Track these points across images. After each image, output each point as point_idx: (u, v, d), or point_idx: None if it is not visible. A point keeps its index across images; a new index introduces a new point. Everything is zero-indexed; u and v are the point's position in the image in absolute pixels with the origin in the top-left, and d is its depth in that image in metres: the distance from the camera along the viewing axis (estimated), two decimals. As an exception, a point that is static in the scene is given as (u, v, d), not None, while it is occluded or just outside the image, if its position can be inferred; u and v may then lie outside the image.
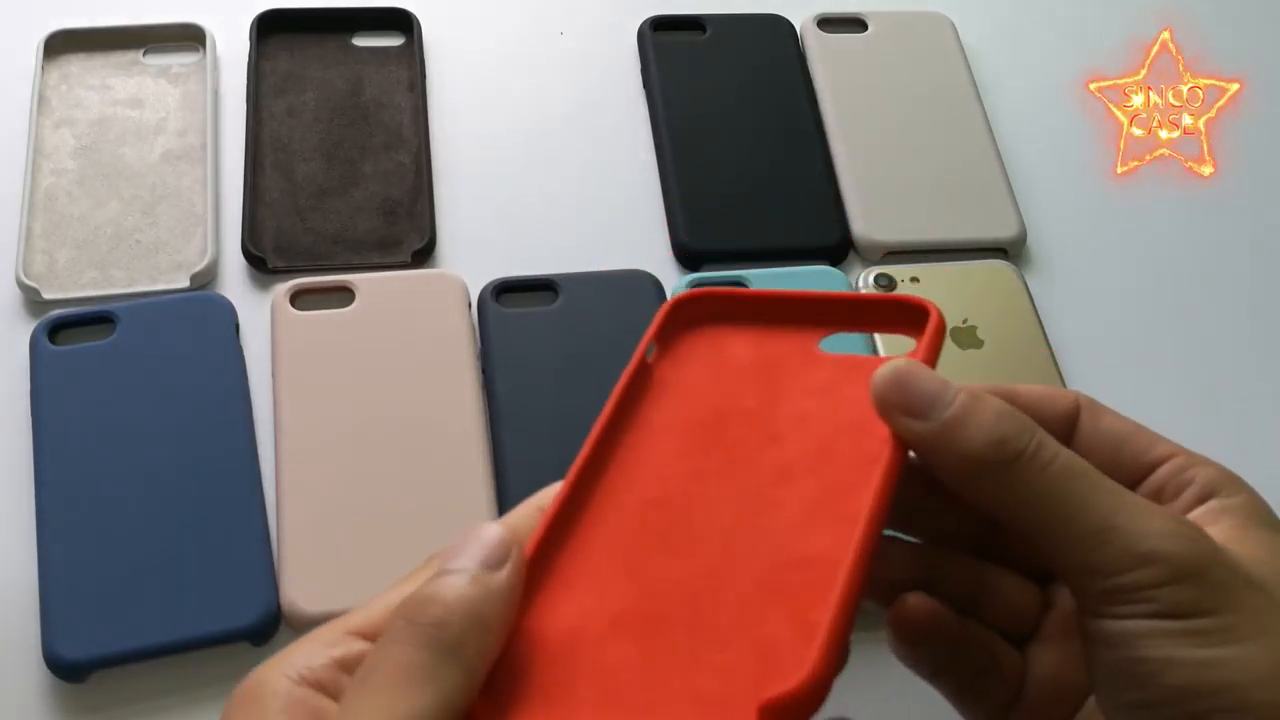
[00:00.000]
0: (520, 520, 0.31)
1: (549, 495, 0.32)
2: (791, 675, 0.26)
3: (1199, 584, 0.29)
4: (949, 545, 0.35)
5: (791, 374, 0.34)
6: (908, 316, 0.34)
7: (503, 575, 0.28)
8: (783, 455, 0.32)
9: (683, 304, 0.36)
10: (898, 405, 0.31)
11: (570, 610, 0.30)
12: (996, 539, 0.35)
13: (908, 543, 0.35)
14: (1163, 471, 0.33)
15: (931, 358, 0.33)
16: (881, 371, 0.31)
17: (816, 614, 0.28)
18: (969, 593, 0.35)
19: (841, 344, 0.51)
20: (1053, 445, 0.30)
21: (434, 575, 0.28)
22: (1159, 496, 0.33)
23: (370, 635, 0.29)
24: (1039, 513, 0.30)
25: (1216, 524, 0.31)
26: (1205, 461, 0.33)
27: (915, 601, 0.34)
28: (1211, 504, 0.32)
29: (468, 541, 0.29)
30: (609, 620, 0.29)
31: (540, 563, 0.30)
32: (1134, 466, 0.33)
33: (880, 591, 0.34)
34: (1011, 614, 0.35)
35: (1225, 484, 0.32)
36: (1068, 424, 0.34)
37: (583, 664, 0.29)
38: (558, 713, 0.28)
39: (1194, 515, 0.32)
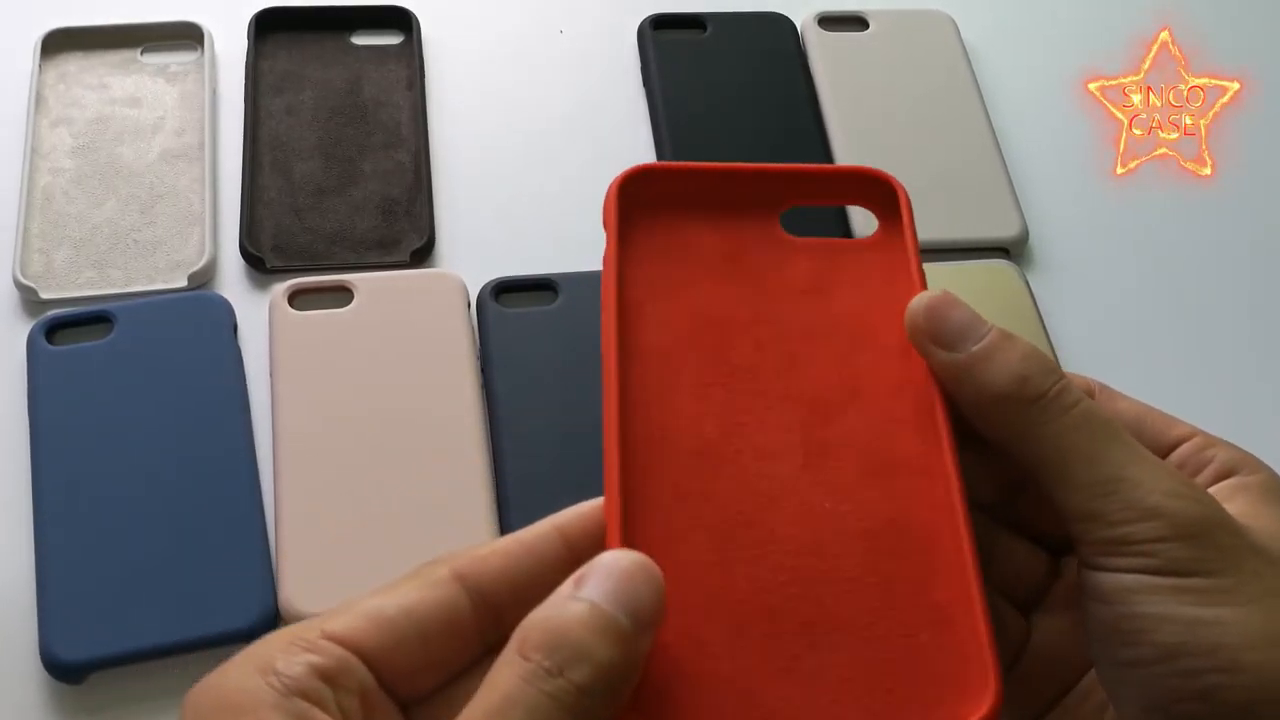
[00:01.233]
0: (536, 539, 0.29)
1: (569, 516, 0.29)
2: (975, 700, 0.26)
3: (1200, 544, 0.29)
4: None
5: (769, 266, 0.32)
6: (870, 190, 0.34)
7: (648, 640, 0.26)
8: (810, 385, 0.31)
9: (631, 182, 0.32)
10: (929, 334, 0.31)
11: (681, 618, 0.27)
12: (1015, 505, 0.35)
13: None
14: (1182, 450, 0.33)
15: (912, 235, 0.33)
16: (917, 301, 0.31)
17: (949, 602, 0.28)
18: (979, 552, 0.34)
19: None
20: (1076, 391, 0.31)
21: (582, 604, 0.26)
22: None
23: (350, 644, 0.27)
24: (1053, 455, 0.30)
25: (1233, 500, 0.31)
26: (1224, 443, 0.33)
27: None
28: (1230, 481, 0.32)
29: (624, 579, 0.26)
30: (726, 627, 0.27)
31: None
32: (1153, 446, 0.33)
33: None
34: (1020, 579, 0.34)
35: (1245, 463, 0.33)
36: None
37: (719, 685, 0.26)
38: None
39: (1212, 491, 0.32)
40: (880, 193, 0.34)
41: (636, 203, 0.32)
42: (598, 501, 0.29)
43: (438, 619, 0.28)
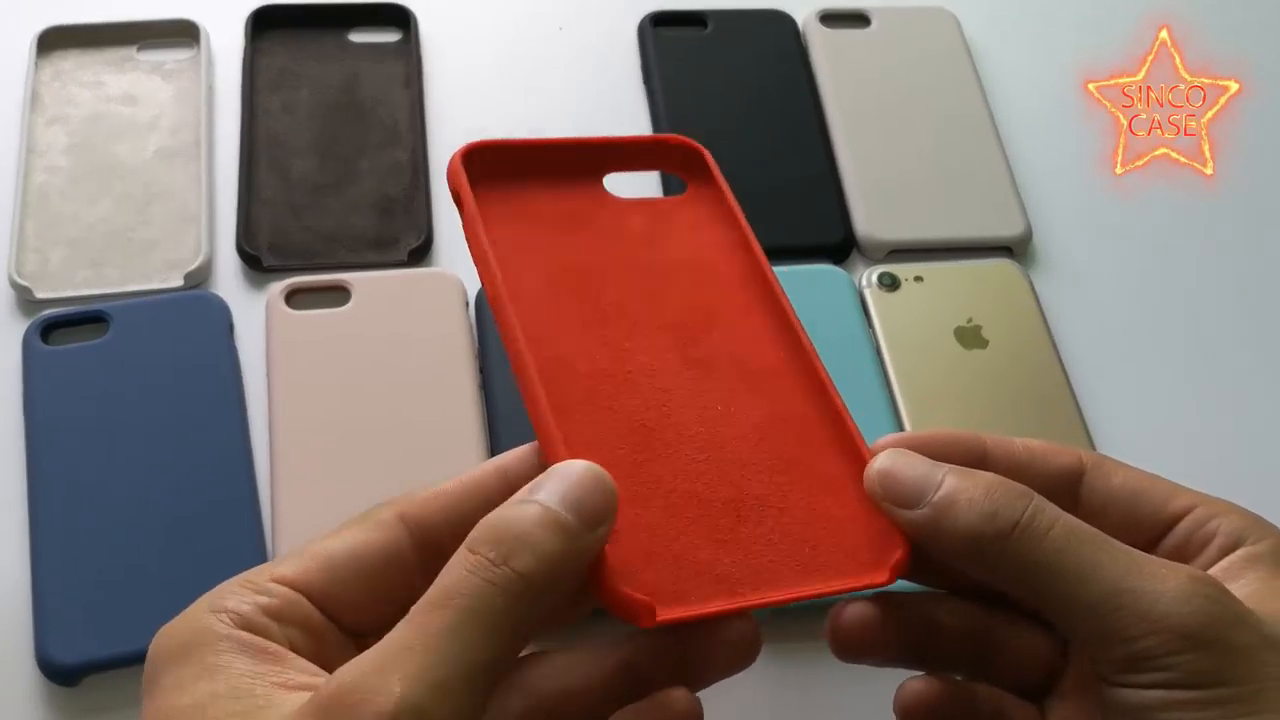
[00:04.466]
0: (477, 478, 0.32)
1: (508, 456, 0.32)
2: (889, 547, 0.31)
3: (1219, 650, 0.27)
4: (958, 595, 0.34)
5: (607, 222, 0.36)
6: (677, 156, 0.38)
7: (597, 536, 0.28)
8: (674, 314, 0.35)
9: (471, 155, 0.36)
10: (889, 500, 0.31)
11: (625, 510, 0.29)
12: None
13: (914, 593, 0.34)
14: (1184, 526, 0.32)
15: (724, 186, 0.38)
16: (870, 470, 0.32)
17: (843, 471, 0.32)
18: (978, 649, 0.33)
19: (842, 342, 0.50)
20: (1050, 511, 0.29)
21: (527, 502, 0.28)
22: (1182, 552, 0.32)
23: (298, 585, 0.29)
24: (1045, 582, 0.29)
25: (1243, 576, 0.30)
26: (1229, 508, 0.32)
27: (914, 687, 0.32)
28: (1238, 554, 0.31)
29: (569, 479, 0.28)
30: (663, 513, 0.31)
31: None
32: (1153, 523, 0.32)
33: (889, 650, 0.33)
34: (1027, 666, 0.33)
35: (1251, 529, 0.31)
36: (1069, 481, 0.33)
37: (674, 560, 0.30)
38: (712, 592, 0.30)
39: (1220, 568, 0.31)
40: (686, 157, 0.38)
41: (480, 175, 0.36)
42: (533, 443, 0.32)
43: (380, 558, 0.30)
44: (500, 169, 0.36)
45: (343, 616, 0.30)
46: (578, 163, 0.37)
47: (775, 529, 0.31)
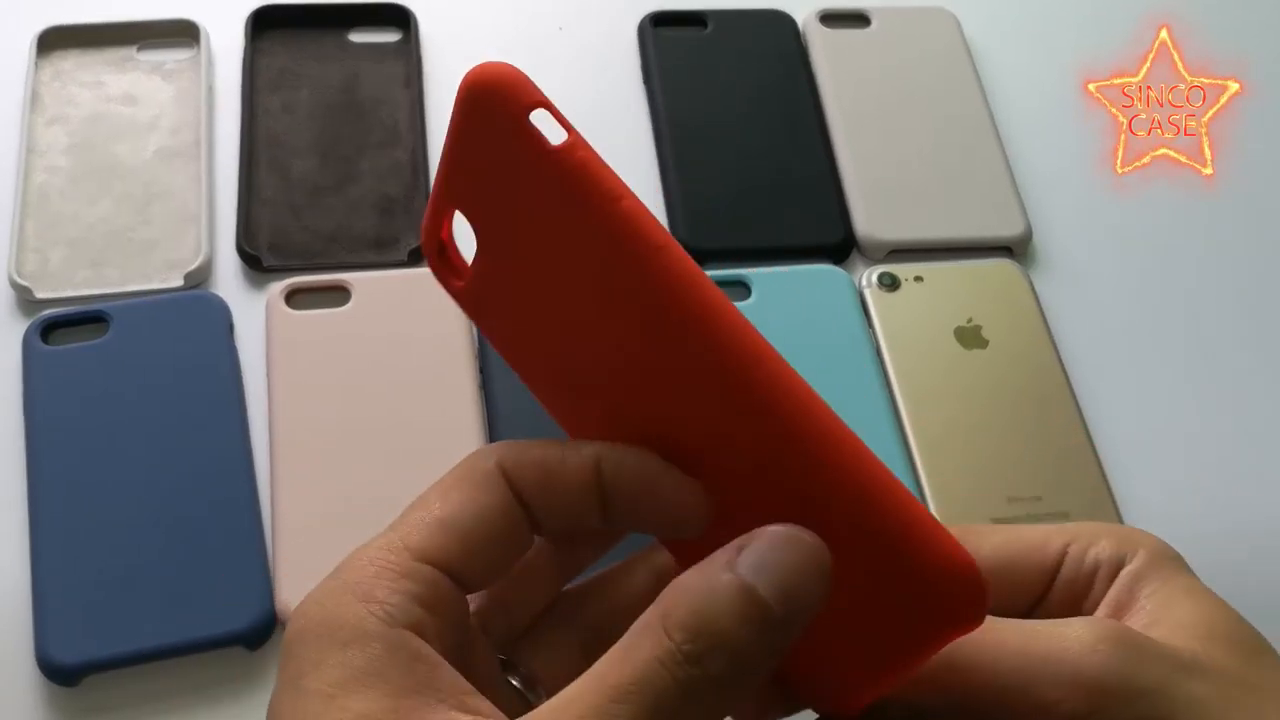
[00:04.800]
0: (539, 462, 0.29)
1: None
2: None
3: (1135, 694, 0.27)
4: None
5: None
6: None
7: (798, 627, 0.25)
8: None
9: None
10: None
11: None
12: None
13: None
14: (1066, 570, 0.31)
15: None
16: None
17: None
18: None
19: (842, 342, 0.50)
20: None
21: (738, 591, 0.24)
22: (1074, 593, 0.31)
23: (442, 566, 0.27)
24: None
25: (1137, 598, 0.30)
26: (1099, 531, 0.31)
27: None
28: (1123, 577, 0.30)
29: (782, 553, 0.25)
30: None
31: None
32: (1036, 576, 0.32)
33: None
34: None
35: (1124, 545, 0.31)
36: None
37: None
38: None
39: (1111, 599, 0.30)
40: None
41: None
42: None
43: (503, 522, 0.28)
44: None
45: (471, 588, 0.28)
46: None
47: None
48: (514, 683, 0.30)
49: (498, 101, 0.26)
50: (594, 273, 0.26)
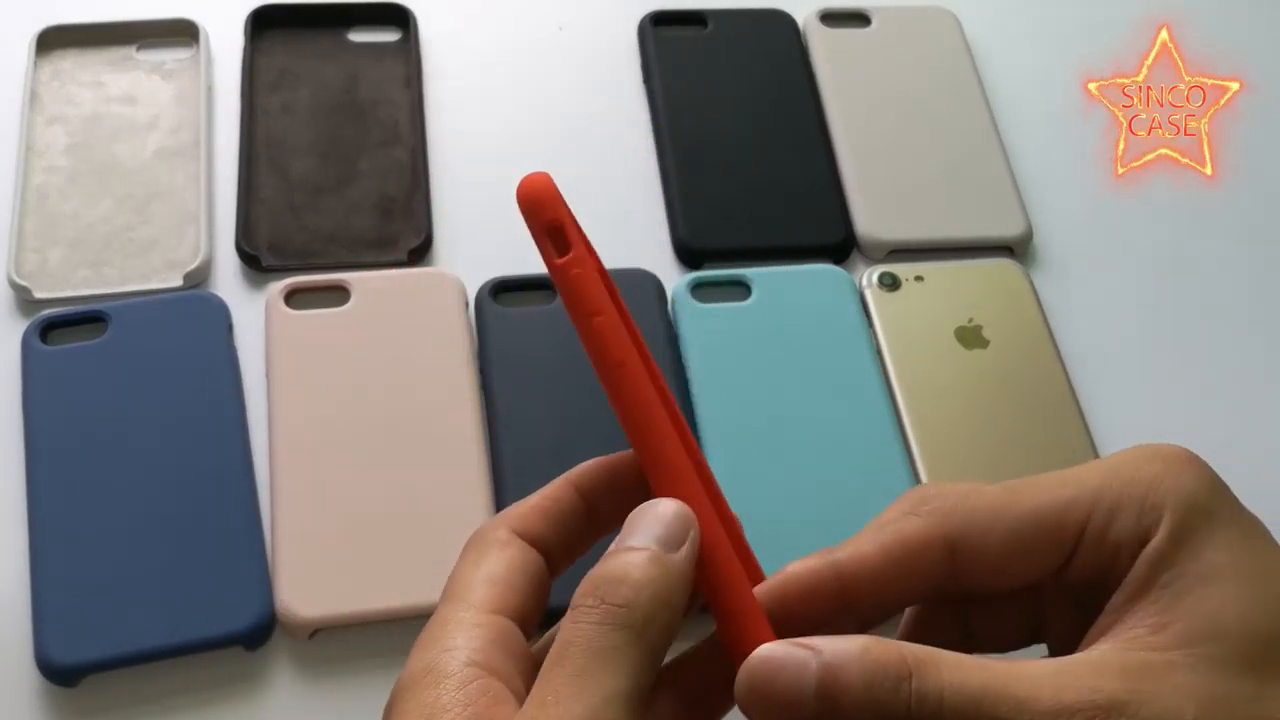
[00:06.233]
0: (555, 495, 0.33)
1: (584, 470, 0.33)
2: None
3: None
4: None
5: None
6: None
7: (682, 555, 0.29)
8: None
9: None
10: (774, 718, 0.29)
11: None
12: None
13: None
14: (1085, 549, 0.30)
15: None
16: (739, 691, 0.29)
17: None
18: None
19: (842, 342, 0.50)
20: (931, 683, 0.28)
21: (614, 551, 0.29)
22: (1096, 569, 0.30)
23: (507, 612, 0.30)
24: None
25: (1155, 582, 0.29)
26: (1117, 502, 0.30)
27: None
28: (1144, 557, 0.29)
29: (644, 518, 0.30)
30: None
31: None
32: (1054, 557, 0.31)
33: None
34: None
35: (1148, 514, 0.30)
36: (939, 577, 0.31)
37: None
38: None
39: (1134, 577, 0.29)
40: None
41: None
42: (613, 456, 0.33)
43: (535, 569, 0.32)
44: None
45: (529, 630, 0.31)
46: None
47: None
48: None
49: (526, 215, 0.32)
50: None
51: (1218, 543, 0.29)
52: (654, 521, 0.29)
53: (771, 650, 0.29)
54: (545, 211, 0.32)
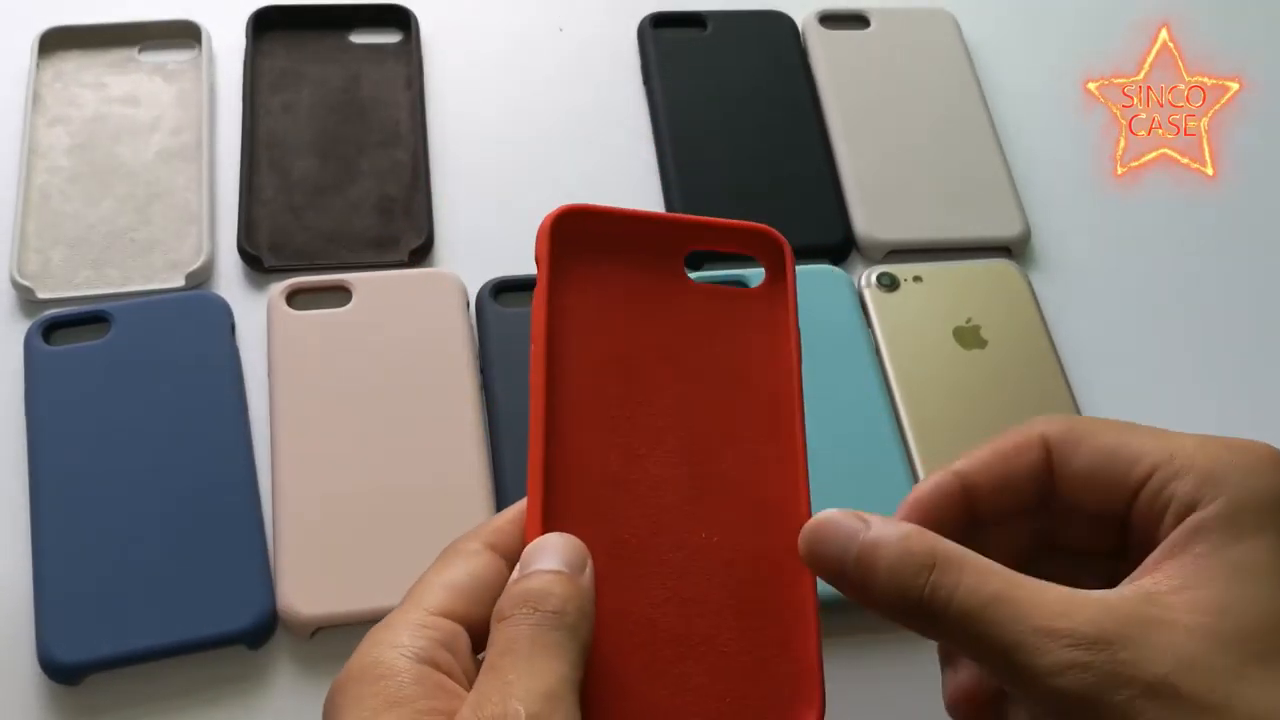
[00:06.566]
0: (512, 520, 0.35)
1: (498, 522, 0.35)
2: (805, 709, 0.32)
3: (1093, 713, 0.29)
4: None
5: (670, 308, 0.37)
6: (760, 244, 0.38)
7: (586, 577, 0.31)
8: (698, 424, 0.35)
9: (561, 221, 0.36)
10: (818, 570, 0.33)
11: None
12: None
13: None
14: (1145, 496, 0.33)
15: (792, 289, 0.37)
16: (800, 540, 0.33)
17: (790, 630, 0.33)
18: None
19: (841, 343, 0.50)
20: (949, 579, 0.31)
21: (529, 575, 0.31)
22: (1147, 523, 0.33)
23: (457, 617, 0.32)
24: (966, 648, 0.31)
25: (1189, 549, 0.31)
26: (1188, 463, 0.32)
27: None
28: (1187, 523, 0.31)
29: (544, 550, 0.32)
30: (613, 635, 0.32)
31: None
32: (1121, 494, 0.33)
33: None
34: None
35: (1205, 487, 0.31)
36: (1040, 474, 0.35)
37: (603, 683, 0.31)
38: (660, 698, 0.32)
39: (1173, 539, 0.31)
40: (769, 247, 0.38)
41: (566, 240, 0.36)
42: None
43: (498, 579, 0.33)
44: (588, 235, 0.36)
45: (478, 635, 0.32)
46: (664, 237, 0.37)
47: (706, 672, 0.32)
48: None
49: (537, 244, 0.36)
50: None
51: (1265, 542, 0.31)
52: (551, 551, 0.32)
53: (831, 514, 0.33)
54: (539, 249, 0.36)
